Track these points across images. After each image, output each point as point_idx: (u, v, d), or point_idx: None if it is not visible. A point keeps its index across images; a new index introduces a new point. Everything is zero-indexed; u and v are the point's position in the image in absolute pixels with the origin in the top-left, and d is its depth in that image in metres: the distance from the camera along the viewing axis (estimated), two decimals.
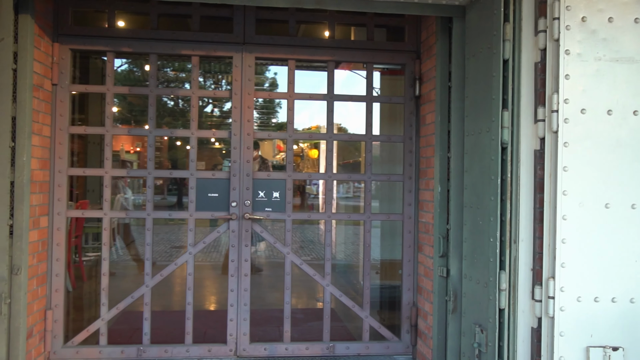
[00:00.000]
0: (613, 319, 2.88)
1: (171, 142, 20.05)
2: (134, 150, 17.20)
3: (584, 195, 2.87)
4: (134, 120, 16.14)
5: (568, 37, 2.88)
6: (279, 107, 23.88)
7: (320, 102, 4.31)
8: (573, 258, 2.87)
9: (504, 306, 3.05)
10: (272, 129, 20.50)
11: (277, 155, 21.87)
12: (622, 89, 2.89)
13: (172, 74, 16.96)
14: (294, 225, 4.30)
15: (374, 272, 5.84)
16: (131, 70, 19.86)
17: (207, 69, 12.78)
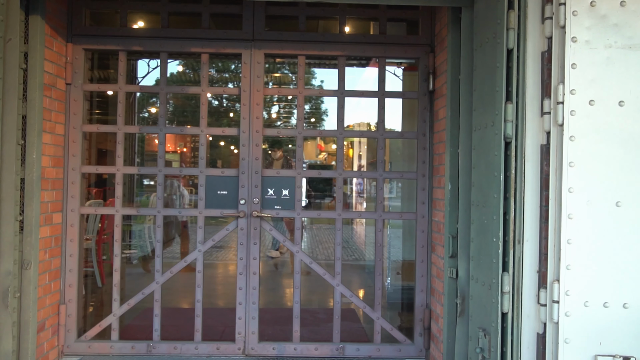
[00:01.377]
0: (624, 327, 2.67)
1: (214, 142, 20.35)
2: (180, 150, 17.61)
3: (592, 192, 2.68)
4: (176, 121, 16.48)
5: (575, 23, 2.70)
6: (325, 113, 23.97)
7: (358, 100, 4.22)
8: (579, 260, 2.68)
9: (507, 310, 2.88)
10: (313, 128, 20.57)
11: (319, 155, 21.89)
12: (635, 78, 2.68)
13: (217, 74, 17.23)
14: (324, 226, 4.26)
15: (394, 272, 5.71)
16: (184, 72, 20.37)
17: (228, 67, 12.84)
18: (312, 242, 11.59)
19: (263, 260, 8.48)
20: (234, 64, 14.05)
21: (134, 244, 9.09)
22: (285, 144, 20.69)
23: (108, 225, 6.89)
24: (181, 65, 18.33)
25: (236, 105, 23.85)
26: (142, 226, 9.36)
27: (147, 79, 9.42)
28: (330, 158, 19.80)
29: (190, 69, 18.94)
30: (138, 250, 8.60)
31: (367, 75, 11.54)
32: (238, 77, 15.71)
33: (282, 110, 22.34)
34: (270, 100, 20.49)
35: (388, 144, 5.78)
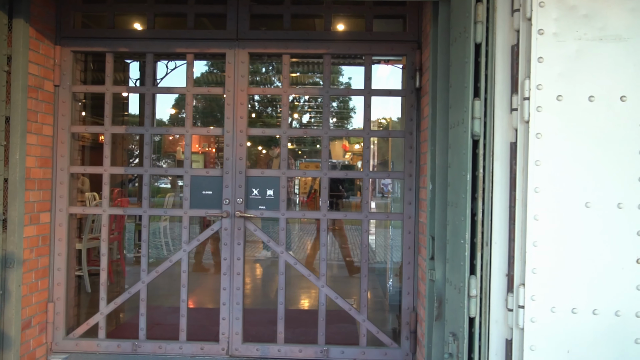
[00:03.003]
0: (595, 334, 2.52)
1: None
2: (203, 150, 17.80)
3: (559, 192, 2.55)
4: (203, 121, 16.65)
5: (542, 15, 2.57)
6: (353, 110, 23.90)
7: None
8: (546, 263, 2.55)
9: (474, 314, 2.76)
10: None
11: (346, 155, 21.81)
12: (606, 72, 2.53)
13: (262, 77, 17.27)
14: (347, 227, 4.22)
15: (393, 274, 5.61)
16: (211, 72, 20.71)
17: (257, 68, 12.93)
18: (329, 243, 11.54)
19: (249, 261, 8.47)
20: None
21: (152, 244, 9.24)
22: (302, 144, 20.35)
23: (117, 225, 7.01)
24: (207, 66, 18.64)
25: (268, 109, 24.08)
26: (157, 225, 9.51)
27: (166, 79, 9.59)
28: (356, 158, 19.71)
29: (218, 69, 19.20)
30: (152, 250, 8.71)
31: (380, 73, 11.45)
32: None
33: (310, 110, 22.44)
34: (295, 100, 20.61)
35: (391, 143, 5.69)
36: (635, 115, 2.51)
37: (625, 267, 2.51)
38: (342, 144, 18.80)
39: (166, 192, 15.16)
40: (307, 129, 8.00)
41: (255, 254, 8.94)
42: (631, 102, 2.51)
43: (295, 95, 17.32)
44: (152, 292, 6.32)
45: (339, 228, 9.05)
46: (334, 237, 8.96)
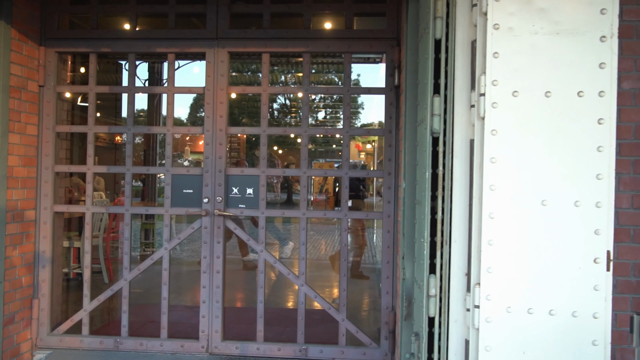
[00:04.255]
0: (551, 335, 2.47)
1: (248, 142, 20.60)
2: None
3: (515, 190, 2.50)
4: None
5: (497, 9, 2.52)
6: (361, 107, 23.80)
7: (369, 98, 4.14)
8: (502, 262, 2.50)
9: (433, 314, 2.72)
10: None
11: (360, 155, 21.75)
12: (563, 67, 2.48)
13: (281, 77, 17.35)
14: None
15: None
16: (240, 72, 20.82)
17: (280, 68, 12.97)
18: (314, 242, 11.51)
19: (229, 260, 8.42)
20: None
21: (157, 243, 9.34)
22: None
23: (117, 224, 7.11)
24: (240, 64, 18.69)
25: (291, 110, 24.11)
26: (162, 224, 9.61)
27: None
28: (369, 158, 19.64)
29: (250, 70, 19.22)
30: (156, 249, 8.80)
31: (383, 72, 11.32)
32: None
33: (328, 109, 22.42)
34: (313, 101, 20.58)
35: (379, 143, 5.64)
36: (593, 111, 2.45)
37: (583, 267, 2.45)
38: (355, 143, 18.75)
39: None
40: (287, 127, 7.98)
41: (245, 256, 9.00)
42: (588, 97, 2.46)
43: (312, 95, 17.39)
44: (149, 290, 6.41)
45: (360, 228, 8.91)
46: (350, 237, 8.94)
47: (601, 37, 2.45)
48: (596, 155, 2.45)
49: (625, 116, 2.66)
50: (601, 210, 2.44)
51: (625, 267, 2.65)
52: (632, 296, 2.65)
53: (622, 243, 2.65)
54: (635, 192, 2.66)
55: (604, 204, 2.44)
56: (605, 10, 2.45)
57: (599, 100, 2.45)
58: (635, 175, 2.65)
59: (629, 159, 2.66)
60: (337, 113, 21.10)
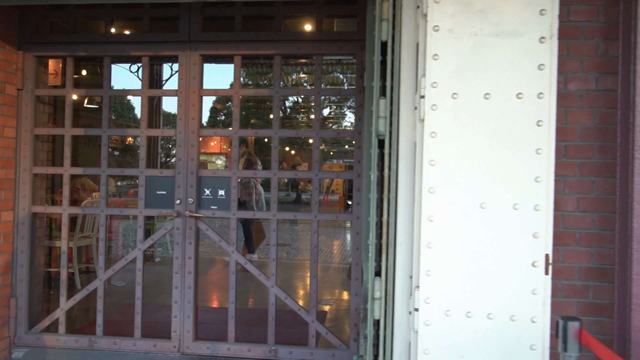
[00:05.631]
0: (489, 339, 2.45)
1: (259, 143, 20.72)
2: (226, 150, 18.11)
3: (454, 193, 2.49)
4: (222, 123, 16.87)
5: (437, 10, 2.52)
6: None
7: None
8: (440, 265, 2.49)
9: (378, 316, 2.73)
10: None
11: None
12: (502, 68, 2.46)
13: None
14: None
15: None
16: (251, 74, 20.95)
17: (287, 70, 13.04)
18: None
19: (202, 260, 8.45)
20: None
21: (156, 243, 9.45)
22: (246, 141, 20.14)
23: (110, 225, 7.21)
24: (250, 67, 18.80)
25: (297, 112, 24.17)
26: (162, 224, 9.71)
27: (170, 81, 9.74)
28: None
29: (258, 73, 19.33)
30: (156, 250, 8.90)
31: None
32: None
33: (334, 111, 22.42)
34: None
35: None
36: (532, 113, 2.43)
37: (521, 271, 2.43)
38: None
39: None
40: (258, 130, 8.01)
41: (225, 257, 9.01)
42: (527, 99, 2.43)
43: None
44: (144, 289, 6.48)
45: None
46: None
47: (540, 38, 2.43)
48: (535, 158, 2.42)
49: (572, 118, 2.63)
50: (540, 214, 2.41)
51: (570, 271, 2.62)
52: (577, 300, 2.61)
53: (567, 246, 2.62)
54: (581, 195, 2.62)
55: (543, 207, 2.41)
56: (544, 11, 2.42)
57: (538, 102, 2.42)
58: (581, 178, 2.62)
59: (575, 161, 2.62)
60: (341, 110, 21.03)
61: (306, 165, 18.89)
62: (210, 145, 21.31)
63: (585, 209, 2.60)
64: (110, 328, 4.40)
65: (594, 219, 2.59)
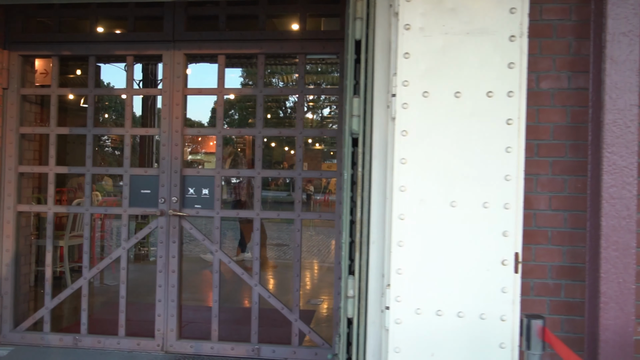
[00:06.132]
0: (459, 337, 2.45)
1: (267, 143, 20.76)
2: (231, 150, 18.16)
3: (425, 191, 2.48)
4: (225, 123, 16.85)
5: (408, 9, 2.51)
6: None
7: None
8: (411, 264, 2.49)
9: (351, 315, 2.73)
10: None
11: None
12: (473, 67, 2.46)
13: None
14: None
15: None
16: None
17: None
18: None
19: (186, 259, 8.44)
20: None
21: (151, 242, 9.46)
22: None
23: (102, 224, 7.23)
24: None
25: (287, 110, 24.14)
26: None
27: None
28: None
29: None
30: (150, 249, 8.91)
31: None
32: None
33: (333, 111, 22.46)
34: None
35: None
36: (502, 112, 2.43)
37: (491, 269, 2.43)
38: None
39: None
40: (241, 128, 7.97)
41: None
42: (497, 98, 2.43)
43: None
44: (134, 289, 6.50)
45: None
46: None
47: (510, 37, 2.42)
48: (505, 156, 2.42)
49: (544, 116, 2.63)
50: (509, 212, 2.41)
51: (542, 270, 2.61)
52: (549, 299, 2.61)
53: (539, 245, 2.62)
54: (553, 194, 2.62)
55: (512, 206, 2.41)
56: (514, 10, 2.42)
57: (507, 100, 2.42)
58: (553, 177, 2.61)
59: (547, 159, 2.62)
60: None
61: (306, 164, 18.96)
62: (210, 145, 21.36)
63: (557, 208, 2.60)
64: (97, 327, 4.42)
65: (565, 217, 2.59)
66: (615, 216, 2.34)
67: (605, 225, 2.36)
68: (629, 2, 2.33)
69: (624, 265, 2.32)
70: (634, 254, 2.33)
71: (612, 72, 2.34)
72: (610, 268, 2.34)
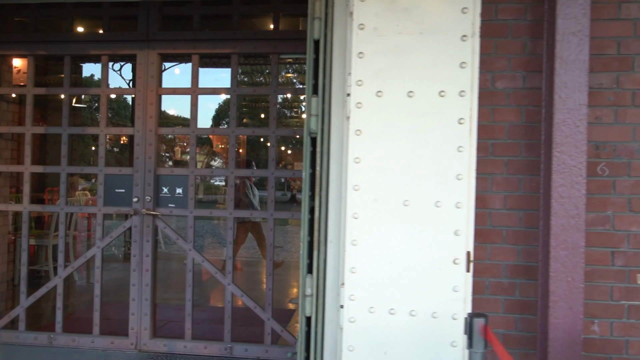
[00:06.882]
0: (412, 336, 2.46)
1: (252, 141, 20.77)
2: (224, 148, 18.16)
3: (378, 191, 2.50)
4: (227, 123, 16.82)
5: (362, 9, 2.53)
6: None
7: None
8: (365, 263, 2.50)
9: (309, 313, 2.75)
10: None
11: None
12: (426, 67, 2.47)
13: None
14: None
15: None
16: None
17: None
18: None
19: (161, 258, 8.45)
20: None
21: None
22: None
23: (89, 223, 7.26)
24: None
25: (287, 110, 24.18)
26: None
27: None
28: None
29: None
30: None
31: None
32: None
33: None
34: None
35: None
36: (453, 111, 2.44)
37: (443, 268, 2.44)
38: None
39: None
40: (216, 128, 7.96)
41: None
42: (449, 97, 2.44)
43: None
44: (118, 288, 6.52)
45: None
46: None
47: (462, 37, 2.43)
48: (457, 156, 2.43)
49: (499, 116, 2.64)
50: (461, 211, 2.42)
51: (497, 269, 2.62)
52: (504, 298, 2.62)
53: (494, 244, 2.63)
54: (508, 193, 2.63)
55: (464, 205, 2.42)
56: (466, 10, 2.43)
57: (459, 100, 2.43)
58: (508, 176, 2.62)
59: (502, 159, 2.63)
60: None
61: (299, 165, 18.99)
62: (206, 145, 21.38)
63: (512, 207, 2.61)
64: (73, 325, 4.44)
65: (520, 216, 2.60)
66: (564, 215, 2.35)
67: (554, 225, 2.36)
68: (578, 2, 2.34)
69: (573, 264, 2.33)
70: (582, 253, 2.34)
71: (561, 71, 2.35)
72: (559, 267, 2.35)
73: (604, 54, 2.54)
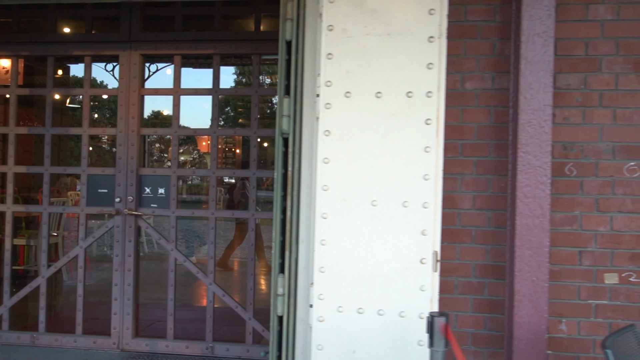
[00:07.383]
0: (380, 334, 2.48)
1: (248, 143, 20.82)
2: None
3: (347, 191, 2.51)
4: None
5: (332, 10, 2.54)
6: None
7: None
8: (333, 262, 2.52)
9: (281, 313, 2.77)
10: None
11: None
12: (394, 68, 2.49)
13: None
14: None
15: None
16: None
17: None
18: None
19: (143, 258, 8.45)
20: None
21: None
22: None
23: (78, 224, 7.26)
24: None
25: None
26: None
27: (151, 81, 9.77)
28: None
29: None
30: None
31: None
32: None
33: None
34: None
35: None
36: (421, 112, 2.45)
37: (410, 267, 2.46)
38: None
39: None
40: (197, 129, 7.94)
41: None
42: (417, 98, 2.46)
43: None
44: (107, 288, 6.53)
45: None
46: None
47: (429, 38, 2.45)
48: (424, 156, 2.45)
49: (468, 117, 2.65)
50: (428, 211, 2.44)
51: (466, 268, 2.64)
52: (473, 297, 2.64)
53: (463, 244, 2.64)
54: (477, 193, 2.64)
55: (431, 205, 2.43)
56: (433, 11, 2.45)
57: (426, 100, 2.45)
58: (477, 176, 2.64)
59: (471, 159, 2.65)
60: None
61: None
62: (202, 145, 21.42)
63: (481, 207, 2.62)
64: (57, 325, 4.46)
65: (489, 216, 2.62)
66: (529, 215, 2.37)
67: (519, 224, 2.38)
68: (543, 3, 2.36)
69: (538, 264, 2.35)
70: (547, 253, 2.36)
71: (526, 72, 2.37)
72: (524, 266, 2.37)
73: (572, 55, 2.56)
